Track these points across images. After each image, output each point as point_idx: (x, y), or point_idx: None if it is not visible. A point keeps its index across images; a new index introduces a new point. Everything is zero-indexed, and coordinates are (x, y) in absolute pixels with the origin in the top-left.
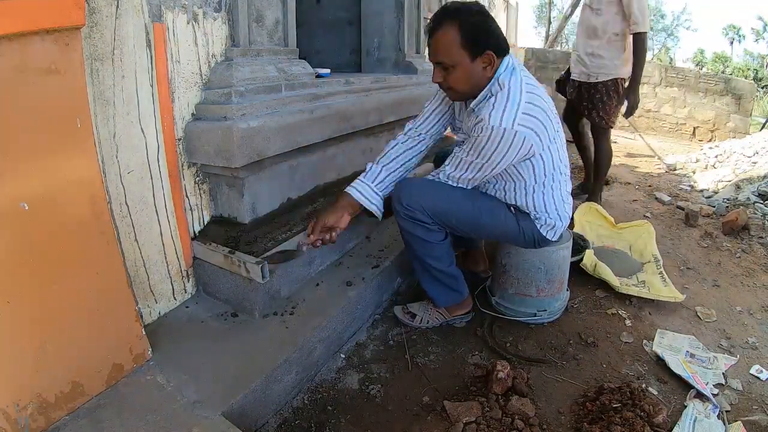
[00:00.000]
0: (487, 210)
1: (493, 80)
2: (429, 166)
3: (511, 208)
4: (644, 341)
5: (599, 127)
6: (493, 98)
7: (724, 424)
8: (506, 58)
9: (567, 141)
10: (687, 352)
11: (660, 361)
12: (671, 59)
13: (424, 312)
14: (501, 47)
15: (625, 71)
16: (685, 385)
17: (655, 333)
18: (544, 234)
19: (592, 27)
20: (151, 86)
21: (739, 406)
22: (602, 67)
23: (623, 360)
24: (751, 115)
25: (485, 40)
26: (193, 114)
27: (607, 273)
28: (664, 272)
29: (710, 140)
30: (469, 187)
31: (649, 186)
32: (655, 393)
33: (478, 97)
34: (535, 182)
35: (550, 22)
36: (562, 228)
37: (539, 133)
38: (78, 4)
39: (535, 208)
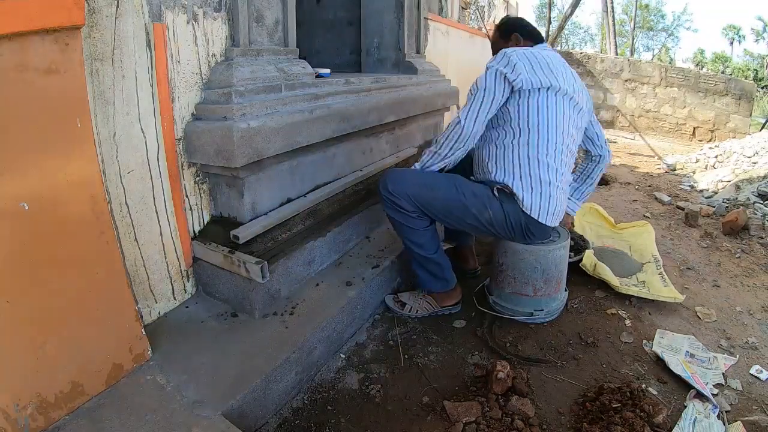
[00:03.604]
0: (471, 194)
1: None
2: None
3: (495, 190)
4: (644, 341)
5: None
6: None
7: (724, 424)
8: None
9: None
10: (687, 352)
11: (660, 361)
12: (671, 59)
13: (413, 301)
14: (526, 34)
15: None
16: (684, 385)
17: (655, 333)
18: (528, 212)
19: None
20: (151, 86)
21: (739, 406)
22: None
23: (623, 360)
24: (751, 115)
25: (508, 29)
26: (193, 114)
27: (607, 273)
28: (664, 272)
29: (710, 140)
30: (471, 130)
31: (649, 186)
32: (655, 393)
33: None
34: (513, 135)
35: (550, 22)
36: (545, 207)
37: (520, 66)
38: (78, 4)
39: (512, 172)
